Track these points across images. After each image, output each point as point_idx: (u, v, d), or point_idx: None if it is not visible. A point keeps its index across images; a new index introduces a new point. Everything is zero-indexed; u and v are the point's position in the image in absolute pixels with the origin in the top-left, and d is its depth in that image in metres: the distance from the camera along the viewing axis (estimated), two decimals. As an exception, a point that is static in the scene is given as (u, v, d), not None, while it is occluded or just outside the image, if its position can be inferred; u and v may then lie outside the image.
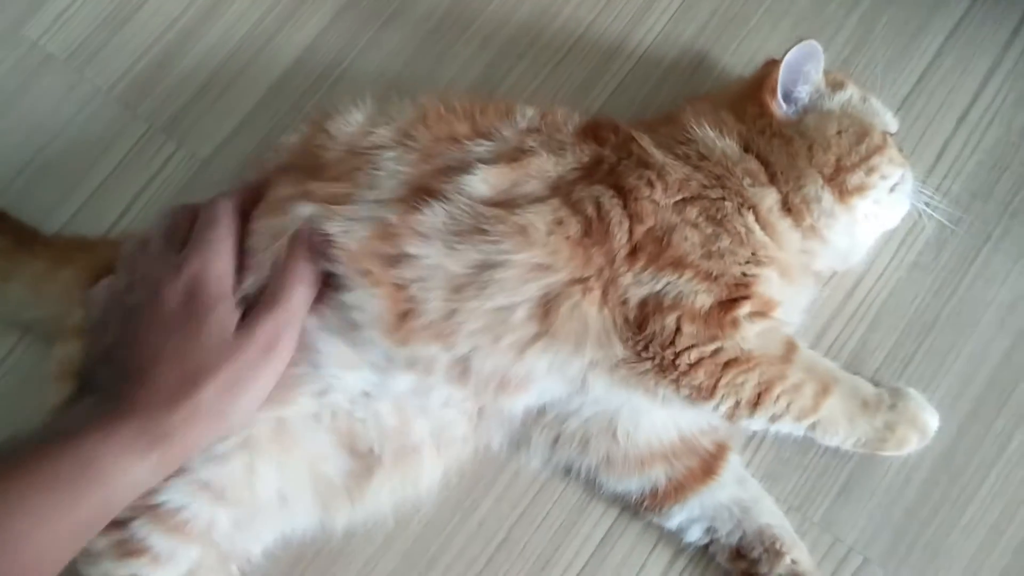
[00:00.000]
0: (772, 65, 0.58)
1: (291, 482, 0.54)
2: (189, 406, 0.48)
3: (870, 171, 0.56)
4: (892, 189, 0.58)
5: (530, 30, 0.71)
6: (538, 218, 0.52)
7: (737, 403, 0.53)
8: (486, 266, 0.51)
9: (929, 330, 0.62)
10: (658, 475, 0.58)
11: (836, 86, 0.58)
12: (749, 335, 0.53)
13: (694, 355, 0.52)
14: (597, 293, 0.52)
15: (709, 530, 0.58)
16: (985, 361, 0.62)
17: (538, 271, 0.52)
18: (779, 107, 0.57)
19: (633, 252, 0.53)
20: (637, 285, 0.52)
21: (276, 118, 0.69)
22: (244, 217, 0.55)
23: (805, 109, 0.58)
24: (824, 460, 0.60)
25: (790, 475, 0.60)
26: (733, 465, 0.59)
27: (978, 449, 0.60)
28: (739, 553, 0.57)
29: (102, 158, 0.68)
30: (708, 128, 0.56)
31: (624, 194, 0.54)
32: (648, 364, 0.53)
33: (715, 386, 0.53)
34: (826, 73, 0.59)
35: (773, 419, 0.54)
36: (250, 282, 0.52)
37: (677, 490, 0.58)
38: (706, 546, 0.58)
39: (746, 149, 0.57)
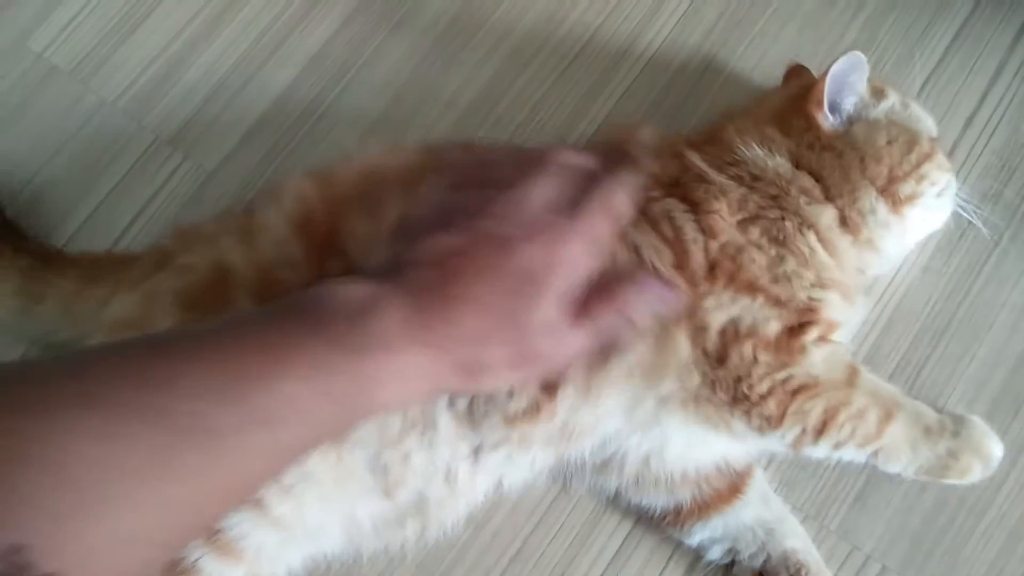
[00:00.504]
0: (798, 71, 0.57)
1: (330, 516, 0.53)
2: (470, 360, 0.39)
3: (920, 179, 0.56)
4: (939, 194, 0.58)
5: (536, 36, 0.71)
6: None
7: (803, 431, 0.52)
8: None
9: (942, 334, 0.62)
10: (684, 496, 0.57)
11: (878, 94, 0.58)
12: (816, 360, 0.53)
13: (767, 384, 0.52)
14: (683, 320, 0.52)
15: (731, 551, 0.57)
16: (1000, 364, 0.61)
17: None
18: (826, 119, 0.56)
19: (711, 270, 0.52)
20: (718, 309, 0.52)
21: (283, 129, 0.68)
22: None
23: (851, 120, 0.57)
24: (840, 467, 0.59)
25: (806, 482, 0.59)
26: (758, 482, 0.58)
27: (995, 454, 0.59)
28: None
29: (108, 170, 0.67)
30: (756, 147, 0.55)
31: (694, 207, 0.53)
32: (723, 396, 0.52)
33: (784, 414, 0.52)
34: (867, 81, 0.59)
35: (837, 446, 0.53)
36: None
37: (701, 509, 0.57)
38: (728, 567, 0.57)
39: (797, 166, 0.56)
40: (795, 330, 0.52)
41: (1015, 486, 0.59)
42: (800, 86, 0.59)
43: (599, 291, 0.41)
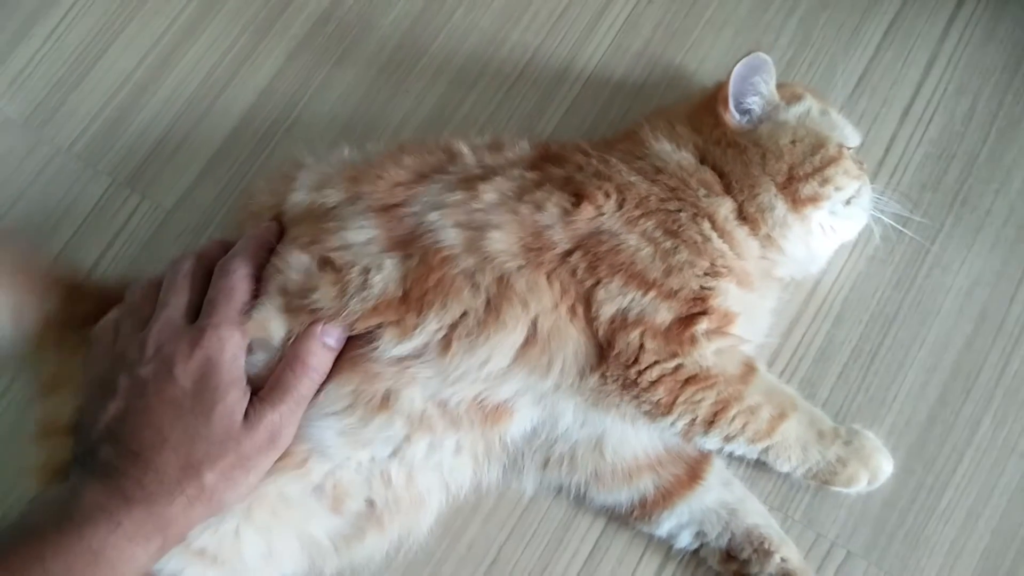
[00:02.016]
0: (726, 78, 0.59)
1: (279, 541, 0.54)
2: (191, 494, 0.48)
3: (824, 182, 0.57)
4: (848, 202, 0.59)
5: (479, 59, 0.72)
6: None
7: (693, 421, 0.54)
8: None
9: (892, 321, 0.64)
10: (646, 485, 0.58)
11: (793, 99, 0.60)
12: (707, 352, 0.54)
13: (656, 372, 0.53)
14: (573, 311, 0.53)
15: (699, 535, 0.58)
16: (949, 348, 0.63)
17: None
18: (732, 117, 0.58)
19: (591, 264, 0.53)
20: (608, 300, 0.53)
21: (236, 164, 0.69)
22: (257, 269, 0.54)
23: (759, 120, 0.59)
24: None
25: (769, 473, 0.60)
26: (718, 468, 0.59)
27: (949, 435, 0.61)
28: (729, 555, 0.57)
29: (66, 216, 0.68)
30: (664, 141, 0.58)
31: (580, 198, 0.54)
32: (612, 385, 0.54)
33: (673, 402, 0.54)
34: (783, 86, 0.60)
35: (727, 439, 0.55)
36: (260, 359, 0.52)
37: (665, 497, 0.58)
38: (696, 551, 0.59)
39: (702, 161, 0.58)
40: (686, 320, 0.54)
41: (970, 465, 0.60)
42: (714, 87, 0.60)
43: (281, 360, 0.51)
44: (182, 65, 0.72)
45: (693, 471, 0.59)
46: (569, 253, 0.54)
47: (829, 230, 0.60)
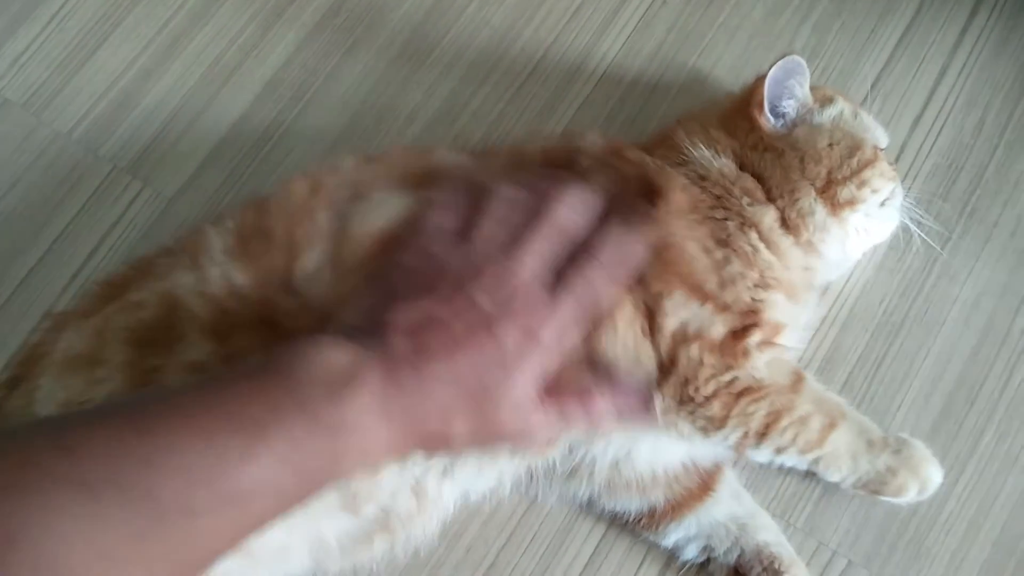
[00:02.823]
0: (760, 81, 0.58)
1: (295, 537, 0.52)
2: (436, 431, 0.39)
3: (861, 184, 0.57)
4: (882, 204, 0.59)
5: (491, 54, 0.71)
6: None
7: (746, 433, 0.54)
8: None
9: (898, 331, 0.64)
10: (657, 497, 0.58)
11: (825, 101, 0.59)
12: (760, 364, 0.54)
13: (711, 386, 0.53)
14: (641, 323, 0.52)
15: (706, 548, 0.58)
16: (954, 358, 0.63)
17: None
18: (767, 121, 0.58)
19: (663, 274, 0.52)
20: (673, 312, 0.52)
21: (240, 155, 0.68)
22: None
23: (794, 123, 0.58)
24: (804, 465, 0.61)
25: (772, 482, 0.60)
26: (729, 480, 0.59)
27: (952, 446, 0.61)
28: (737, 572, 0.57)
29: (66, 201, 0.67)
30: (703, 147, 0.57)
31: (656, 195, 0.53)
32: (670, 400, 0.53)
33: (727, 416, 0.53)
34: (815, 88, 0.60)
35: (779, 450, 0.55)
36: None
37: (675, 509, 0.58)
38: (703, 565, 0.58)
39: (741, 167, 0.57)
40: (739, 333, 0.53)
41: (972, 476, 0.60)
42: (747, 90, 0.60)
43: (575, 379, 0.42)
44: (188, 52, 0.71)
45: (704, 483, 0.58)
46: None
47: (863, 232, 0.59)
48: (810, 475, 0.60)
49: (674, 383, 0.53)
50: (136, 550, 0.32)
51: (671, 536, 0.58)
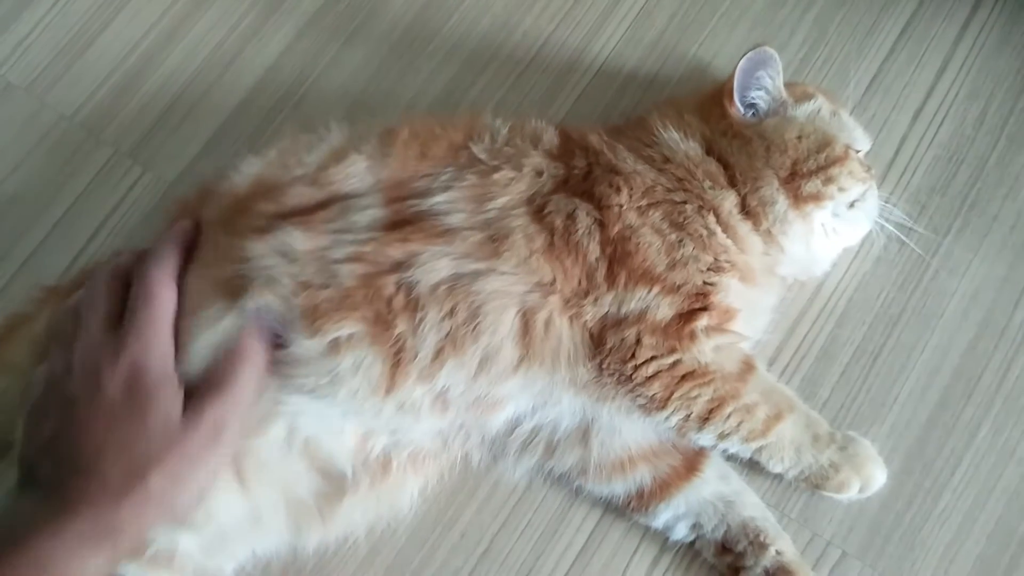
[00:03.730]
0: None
1: (263, 502, 0.53)
2: (137, 498, 0.47)
3: (828, 180, 0.57)
4: (852, 205, 0.59)
5: (491, 43, 0.71)
6: (513, 233, 0.53)
7: (688, 416, 0.54)
8: (468, 283, 0.51)
9: (895, 323, 0.63)
10: (643, 475, 0.58)
11: (803, 97, 0.59)
12: (706, 349, 0.54)
13: (652, 367, 0.53)
14: (571, 308, 0.53)
15: (695, 527, 0.58)
16: (951, 351, 0.63)
17: (513, 284, 0.52)
18: (737, 111, 0.58)
19: (610, 268, 0.53)
20: (613, 304, 0.53)
21: (241, 139, 0.69)
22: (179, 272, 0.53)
23: (765, 114, 0.59)
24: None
25: (767, 472, 0.60)
26: (715, 461, 0.59)
27: (948, 439, 0.61)
28: (724, 547, 0.57)
29: (67, 184, 0.68)
30: (672, 130, 0.58)
31: (595, 203, 0.54)
32: (609, 379, 0.54)
33: (669, 398, 0.53)
34: (794, 84, 0.60)
35: (722, 436, 0.55)
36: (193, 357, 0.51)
37: (662, 488, 0.58)
38: (691, 543, 0.59)
39: (708, 151, 0.58)
40: (686, 316, 0.53)
41: (968, 469, 0.60)
42: (725, 80, 0.60)
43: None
44: (190, 37, 0.71)
45: (691, 463, 0.59)
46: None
47: (831, 232, 0.59)
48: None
49: (610, 363, 0.53)
50: None
51: (661, 516, 0.58)
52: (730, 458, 0.60)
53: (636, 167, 0.56)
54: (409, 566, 0.59)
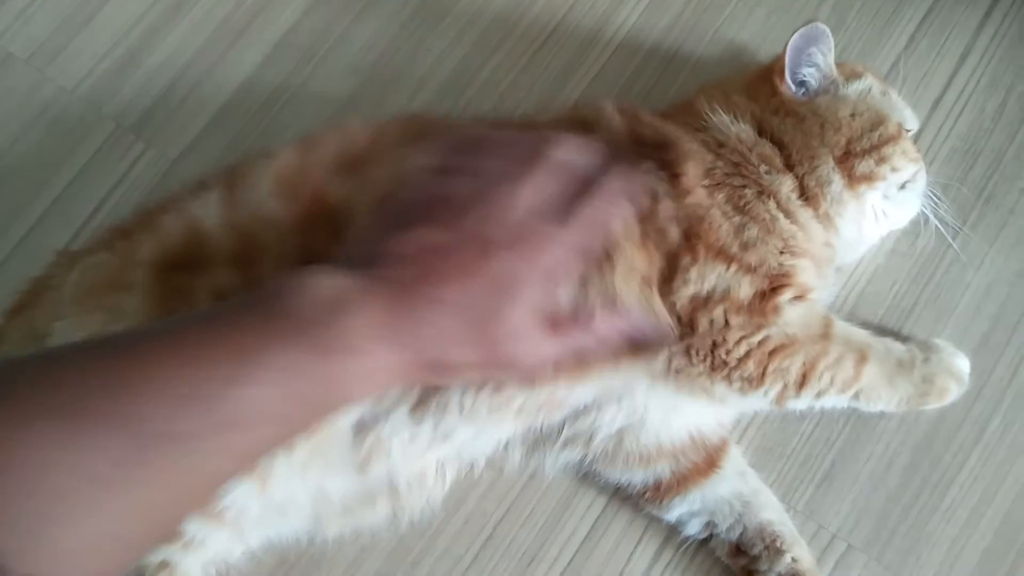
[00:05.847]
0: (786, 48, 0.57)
1: (297, 492, 0.52)
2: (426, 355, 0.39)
3: (881, 160, 0.56)
4: (903, 186, 0.58)
5: (505, 21, 0.70)
6: None
7: (785, 386, 0.54)
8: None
9: (908, 316, 0.63)
10: (663, 469, 0.58)
11: (853, 75, 0.58)
12: (792, 319, 0.53)
13: (743, 347, 0.53)
14: (663, 294, 0.52)
15: (708, 524, 0.58)
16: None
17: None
18: (788, 88, 0.57)
19: (688, 239, 0.52)
20: (698, 280, 0.52)
21: (247, 116, 0.67)
22: None
23: (816, 93, 0.58)
24: (807, 448, 0.60)
25: (774, 464, 0.60)
26: (734, 457, 0.59)
27: (957, 433, 0.60)
28: (739, 549, 0.57)
29: (68, 160, 0.66)
30: (721, 113, 0.56)
31: (666, 169, 0.53)
32: (701, 366, 0.53)
33: (763, 374, 0.53)
34: (843, 64, 0.59)
35: (819, 395, 0.55)
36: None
37: (680, 483, 0.58)
38: (705, 541, 0.58)
39: (760, 132, 0.57)
40: (768, 293, 0.53)
41: (977, 464, 0.60)
42: (774, 59, 0.59)
43: (583, 309, 0.42)
44: (196, 11, 0.70)
45: (711, 458, 0.58)
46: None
47: (881, 215, 0.59)
48: (811, 458, 0.60)
49: (702, 348, 0.53)
50: (121, 473, 0.32)
51: (675, 511, 0.58)
52: (746, 452, 0.60)
53: (692, 147, 0.55)
54: (411, 552, 0.59)
